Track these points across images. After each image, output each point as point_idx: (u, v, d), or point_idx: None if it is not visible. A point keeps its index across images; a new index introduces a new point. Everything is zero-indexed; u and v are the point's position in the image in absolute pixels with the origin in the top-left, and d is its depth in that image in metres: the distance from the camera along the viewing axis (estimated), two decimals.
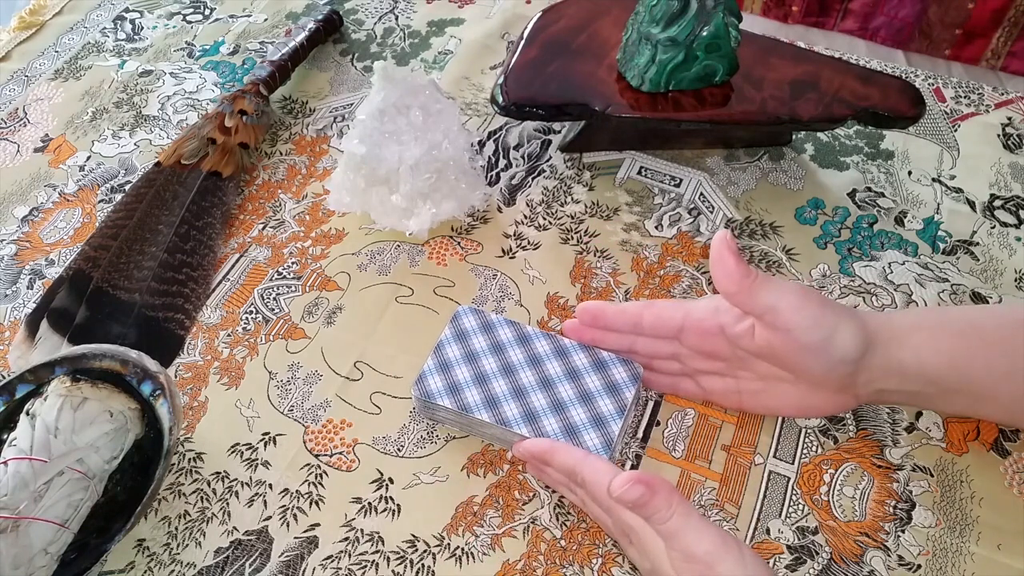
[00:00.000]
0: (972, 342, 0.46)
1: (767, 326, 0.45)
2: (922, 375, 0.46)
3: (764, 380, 0.50)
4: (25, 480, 0.44)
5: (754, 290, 0.44)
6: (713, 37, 0.59)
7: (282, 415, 0.55)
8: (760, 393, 0.50)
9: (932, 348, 0.46)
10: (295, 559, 0.49)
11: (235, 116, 0.70)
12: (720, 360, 0.50)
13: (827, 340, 0.44)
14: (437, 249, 0.64)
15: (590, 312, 0.52)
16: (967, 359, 0.46)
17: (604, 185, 0.67)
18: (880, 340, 0.45)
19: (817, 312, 0.44)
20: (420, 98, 0.61)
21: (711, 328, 0.49)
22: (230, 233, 0.66)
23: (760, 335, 0.46)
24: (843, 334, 0.44)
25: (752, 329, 0.46)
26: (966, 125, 0.72)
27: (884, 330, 0.46)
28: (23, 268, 0.65)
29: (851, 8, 0.80)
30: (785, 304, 0.44)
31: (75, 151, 0.73)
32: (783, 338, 0.45)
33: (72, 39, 0.85)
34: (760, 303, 0.44)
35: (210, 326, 0.60)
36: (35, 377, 0.51)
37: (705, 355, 0.51)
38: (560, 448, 0.47)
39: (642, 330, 0.52)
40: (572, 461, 0.46)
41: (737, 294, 0.44)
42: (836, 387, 0.47)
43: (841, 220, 0.64)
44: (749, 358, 0.49)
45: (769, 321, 0.44)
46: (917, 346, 0.45)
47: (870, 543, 0.48)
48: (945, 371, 0.46)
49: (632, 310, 0.52)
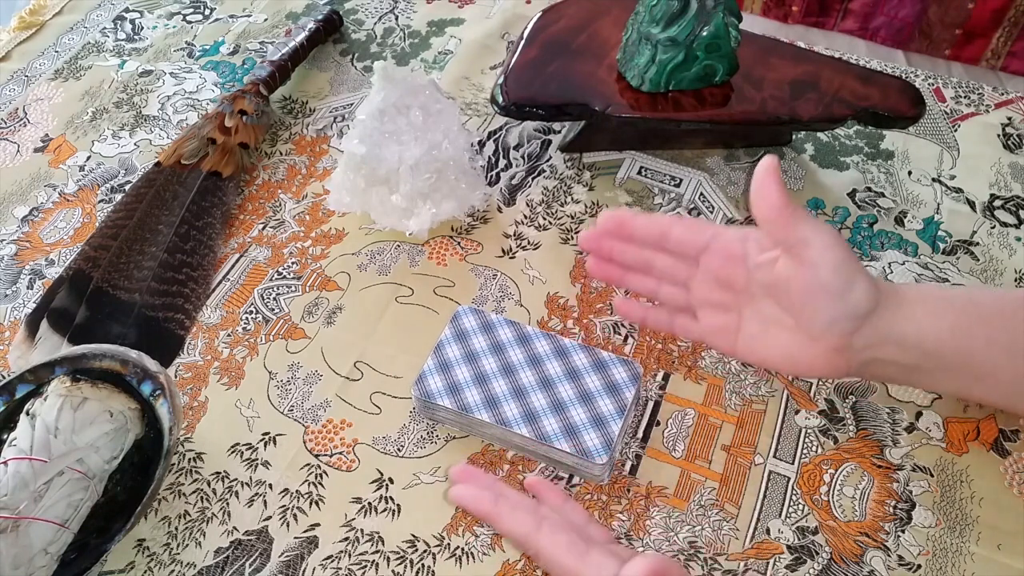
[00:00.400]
0: (972, 317, 0.46)
1: (794, 258, 0.45)
2: (920, 346, 0.46)
3: (764, 323, 0.48)
4: (25, 480, 0.44)
5: (794, 219, 0.43)
6: (713, 37, 0.59)
7: (282, 415, 0.55)
8: (757, 337, 0.49)
9: (933, 319, 0.46)
10: (295, 559, 0.49)
11: (235, 116, 0.70)
12: (731, 292, 0.49)
13: (846, 286, 0.44)
14: (437, 249, 0.64)
15: (616, 219, 0.50)
16: (967, 333, 0.46)
17: (604, 185, 0.67)
18: (887, 304, 0.45)
19: (845, 256, 0.44)
20: (420, 98, 0.61)
21: (736, 252, 0.48)
22: (230, 233, 0.66)
23: (783, 267, 0.45)
24: (861, 285, 0.44)
25: (775, 261, 0.46)
26: (966, 125, 0.72)
27: (890, 296, 0.46)
28: (23, 268, 0.65)
29: (851, 8, 0.80)
30: (819, 240, 0.44)
31: (75, 151, 0.73)
32: (806, 274, 0.44)
33: (72, 39, 0.85)
34: (796, 234, 0.44)
35: (210, 326, 0.60)
36: (35, 377, 0.51)
37: (719, 283, 0.49)
38: (503, 513, 0.42)
39: (668, 242, 0.50)
40: (522, 531, 0.42)
41: (777, 220, 0.44)
42: (833, 344, 0.47)
43: (841, 220, 0.64)
44: (759, 295, 0.48)
45: (798, 253, 0.44)
46: (919, 316, 0.46)
47: (870, 543, 0.48)
48: (944, 344, 0.46)
49: (663, 219, 0.50)
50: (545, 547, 0.41)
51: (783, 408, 0.54)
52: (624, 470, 0.51)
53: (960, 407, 0.53)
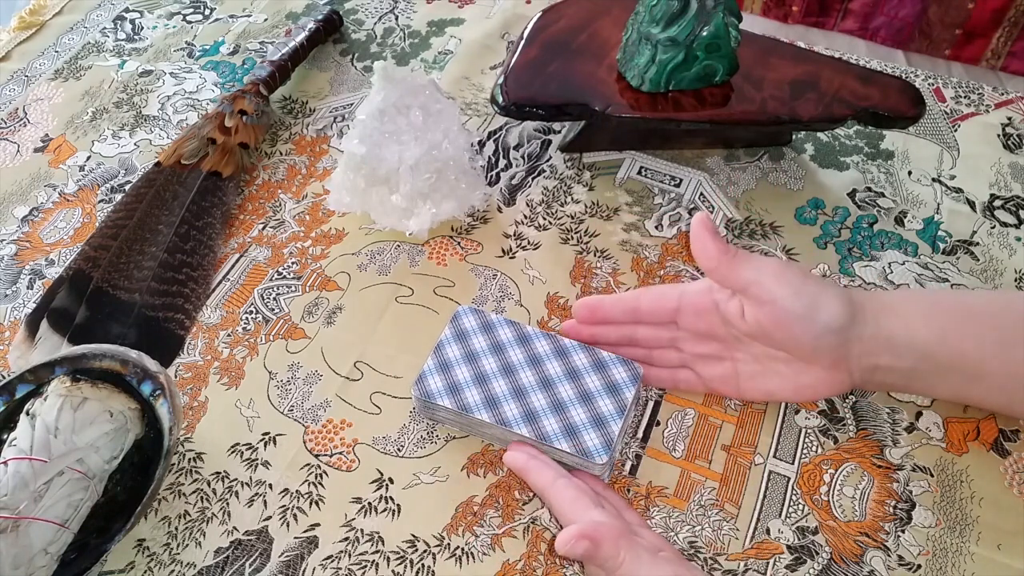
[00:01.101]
0: (961, 316, 0.47)
1: (752, 300, 0.46)
2: (913, 348, 0.46)
3: (760, 362, 0.50)
4: (25, 480, 0.44)
5: (734, 265, 0.45)
6: (713, 37, 0.59)
7: (282, 415, 0.55)
8: (757, 377, 0.51)
9: (922, 320, 0.46)
10: (295, 559, 0.49)
11: (235, 116, 0.70)
12: (717, 341, 0.51)
13: (811, 307, 0.45)
14: (437, 249, 0.64)
15: (587, 307, 0.53)
16: (957, 333, 0.46)
17: (604, 185, 0.67)
18: (869, 310, 0.46)
19: (797, 281, 0.45)
20: (420, 98, 0.61)
21: (706, 305, 0.50)
22: (230, 233, 0.66)
23: (749, 313, 0.47)
24: (826, 300, 0.45)
25: (742, 307, 0.47)
26: (966, 125, 0.72)
27: (872, 301, 0.47)
28: (23, 268, 0.65)
29: (851, 8, 0.80)
30: (765, 275, 0.45)
31: (75, 151, 0.73)
32: (769, 310, 0.46)
33: (72, 39, 0.85)
34: (741, 277, 0.46)
35: (210, 326, 0.60)
36: (35, 377, 0.51)
37: (702, 337, 0.51)
38: (533, 467, 0.48)
39: (640, 316, 0.52)
40: (541, 484, 0.47)
41: (717, 269, 0.46)
42: (828, 363, 0.48)
43: (841, 220, 0.64)
44: (744, 339, 0.49)
45: (753, 294, 0.46)
46: (907, 316, 0.46)
47: (870, 543, 0.48)
48: (936, 344, 0.46)
49: (628, 296, 0.53)
50: (555, 497, 0.45)
51: (783, 408, 0.54)
52: (624, 470, 0.51)
53: (960, 407, 0.53)
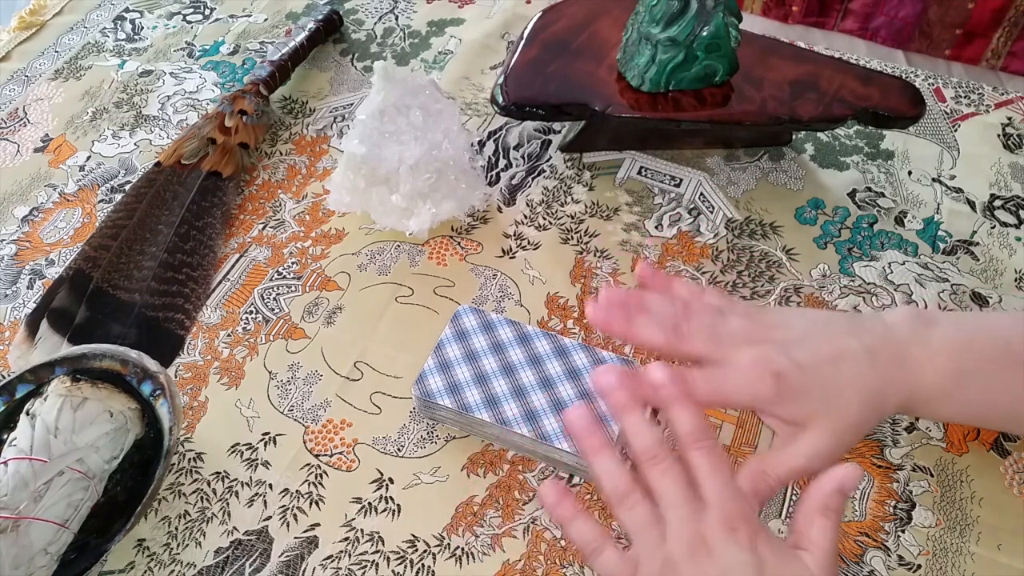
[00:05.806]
0: (1010, 373, 0.43)
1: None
2: (963, 417, 0.47)
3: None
4: (25, 480, 0.44)
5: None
6: (713, 37, 0.59)
7: (282, 415, 0.55)
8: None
9: (971, 397, 0.44)
10: (295, 559, 0.49)
11: (235, 116, 0.70)
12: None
13: (864, 429, 0.43)
14: (437, 249, 0.64)
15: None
16: (1010, 395, 0.44)
17: (604, 185, 0.67)
18: (918, 403, 0.44)
19: (850, 438, 0.42)
20: (420, 98, 0.61)
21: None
22: (230, 233, 0.66)
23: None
24: (877, 417, 0.43)
25: None
26: (966, 125, 0.72)
27: (919, 392, 0.43)
28: (23, 268, 0.65)
29: (851, 8, 0.80)
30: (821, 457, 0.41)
31: (75, 151, 0.73)
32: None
33: (72, 39, 0.85)
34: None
35: (210, 326, 0.60)
36: (35, 377, 0.51)
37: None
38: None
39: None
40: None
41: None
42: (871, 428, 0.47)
43: (841, 220, 0.64)
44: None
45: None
46: (957, 401, 0.44)
47: (870, 543, 0.48)
48: (986, 410, 0.45)
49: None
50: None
51: None
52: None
53: None
